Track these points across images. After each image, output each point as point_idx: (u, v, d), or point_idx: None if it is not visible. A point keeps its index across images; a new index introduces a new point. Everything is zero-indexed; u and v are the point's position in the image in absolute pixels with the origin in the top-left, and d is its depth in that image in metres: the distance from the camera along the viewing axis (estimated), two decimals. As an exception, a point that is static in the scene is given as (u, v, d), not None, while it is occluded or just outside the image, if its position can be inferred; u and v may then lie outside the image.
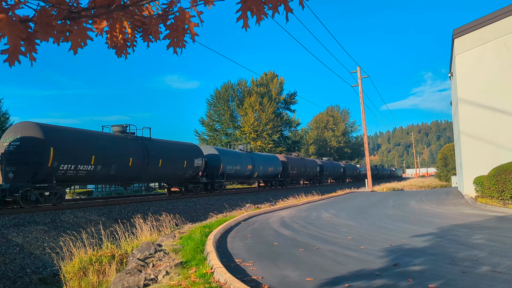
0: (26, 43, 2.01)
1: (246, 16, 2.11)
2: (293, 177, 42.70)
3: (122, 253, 9.25)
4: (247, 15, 2.10)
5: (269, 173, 35.74)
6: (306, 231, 10.26)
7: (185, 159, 23.55)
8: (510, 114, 18.64)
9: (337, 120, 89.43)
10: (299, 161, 42.99)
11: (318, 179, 50.05)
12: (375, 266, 6.23)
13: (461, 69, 20.34)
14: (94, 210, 16.74)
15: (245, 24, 2.15)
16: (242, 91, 59.80)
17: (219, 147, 35.13)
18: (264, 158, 35.34)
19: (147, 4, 2.41)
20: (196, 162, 24.62)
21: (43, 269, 10.89)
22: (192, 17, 2.26)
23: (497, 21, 19.30)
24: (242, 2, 2.08)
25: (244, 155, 31.75)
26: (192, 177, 24.99)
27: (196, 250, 7.86)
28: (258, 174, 33.12)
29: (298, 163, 42.17)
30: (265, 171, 34.37)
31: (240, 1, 2.08)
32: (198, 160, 24.91)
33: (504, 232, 9.20)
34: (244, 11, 2.09)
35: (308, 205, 19.24)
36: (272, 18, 2.12)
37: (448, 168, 51.32)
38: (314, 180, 49.76)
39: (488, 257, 6.61)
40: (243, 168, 30.72)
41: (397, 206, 17.17)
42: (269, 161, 35.83)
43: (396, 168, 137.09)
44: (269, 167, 35.10)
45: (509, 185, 14.86)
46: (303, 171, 43.29)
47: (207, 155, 26.89)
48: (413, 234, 9.30)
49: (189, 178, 24.80)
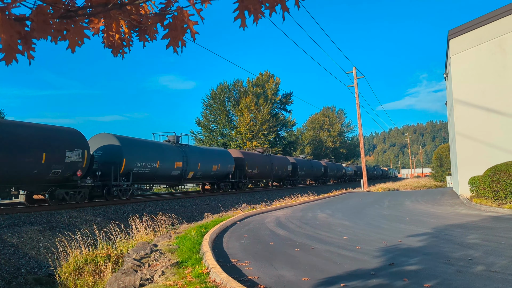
0: (23, 42, 2.00)
1: (243, 16, 2.11)
2: (253, 178, 34.23)
3: (118, 253, 9.22)
4: (244, 15, 2.11)
5: (214, 173, 27.08)
6: (302, 231, 10.27)
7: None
8: (504, 115, 18.76)
9: (333, 121, 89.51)
10: (262, 158, 34.63)
11: (290, 180, 41.63)
12: (370, 266, 6.25)
13: (456, 69, 20.44)
14: (90, 210, 16.67)
15: (243, 24, 2.15)
16: (238, 92, 59.75)
17: None
18: (205, 153, 26.78)
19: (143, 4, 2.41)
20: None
21: (38, 270, 10.83)
22: (191, 16, 2.26)
23: (492, 22, 19.42)
24: (239, 1, 2.08)
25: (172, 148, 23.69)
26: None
27: (192, 250, 7.86)
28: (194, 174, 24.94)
29: (261, 161, 33.96)
30: (206, 170, 25.94)
31: (237, 1, 2.09)
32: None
33: (499, 232, 9.25)
34: (241, 11, 2.09)
35: (304, 205, 19.26)
36: (270, 17, 2.13)
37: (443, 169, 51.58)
38: (285, 181, 41.09)
39: (483, 257, 6.65)
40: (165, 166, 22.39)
41: (393, 206, 17.23)
42: (214, 157, 27.17)
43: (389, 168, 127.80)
44: (213, 165, 26.59)
45: (504, 185, 14.95)
46: (268, 171, 34.94)
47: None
48: (409, 234, 9.34)
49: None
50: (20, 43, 1.96)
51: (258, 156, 34.61)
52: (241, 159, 30.92)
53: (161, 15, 2.35)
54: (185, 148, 24.47)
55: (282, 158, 39.38)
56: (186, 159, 23.61)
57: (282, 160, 38.78)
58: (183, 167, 23.37)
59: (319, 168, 50.39)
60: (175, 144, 24.03)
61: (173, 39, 2.37)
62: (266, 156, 35.89)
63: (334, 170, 56.83)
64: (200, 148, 28.12)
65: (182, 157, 23.36)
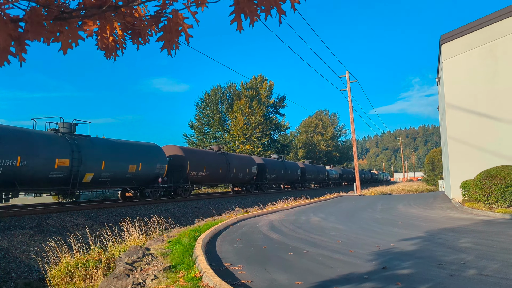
0: (16, 43, 1.97)
1: (239, 19, 2.10)
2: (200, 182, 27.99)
3: (110, 257, 9.14)
4: (240, 18, 2.10)
5: (132, 176, 20.95)
6: (295, 235, 10.26)
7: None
8: (496, 119, 18.93)
9: (326, 124, 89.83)
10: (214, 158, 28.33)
11: (256, 185, 35.40)
12: (363, 270, 6.25)
13: (448, 74, 20.60)
14: (81, 213, 16.53)
15: (239, 27, 2.15)
16: (231, 95, 59.80)
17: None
18: (116, 147, 20.27)
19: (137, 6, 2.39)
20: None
21: (28, 274, 10.70)
22: (186, 19, 2.24)
23: (483, 27, 19.62)
24: (235, 4, 2.07)
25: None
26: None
27: (185, 254, 7.81)
28: (96, 176, 18.54)
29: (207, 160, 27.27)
30: (117, 171, 19.86)
31: (233, 4, 2.08)
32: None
33: (491, 236, 9.31)
34: (237, 14, 2.08)
35: (297, 208, 19.26)
36: (265, 20, 2.12)
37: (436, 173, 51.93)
38: (248, 186, 34.72)
39: (475, 261, 6.68)
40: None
41: (385, 210, 17.28)
42: (132, 153, 21.04)
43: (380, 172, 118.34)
44: (130, 164, 20.61)
45: (495, 189, 15.07)
46: (221, 173, 28.67)
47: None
48: (401, 237, 9.36)
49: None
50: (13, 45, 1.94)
51: (207, 154, 28.32)
52: (181, 158, 24.69)
53: (156, 17, 2.34)
54: (79, 141, 17.75)
55: (244, 158, 34.24)
56: (78, 156, 17.16)
57: (245, 160, 33.17)
58: (71, 167, 16.85)
59: (294, 171, 43.32)
60: (61, 134, 17.41)
61: (168, 42, 2.36)
62: (221, 155, 29.55)
63: (314, 173, 48.84)
64: (108, 140, 20.40)
65: (70, 153, 16.84)
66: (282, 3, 2.08)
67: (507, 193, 14.85)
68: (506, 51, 19.09)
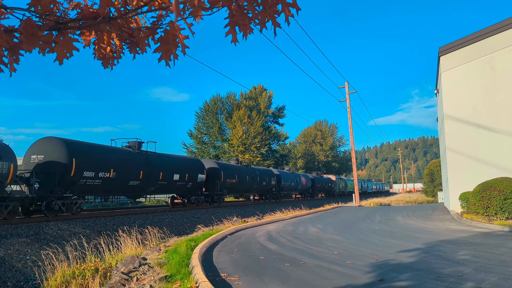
0: (10, 53, 1.98)
1: (234, 31, 2.12)
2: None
3: (106, 267, 9.07)
4: (235, 30, 2.12)
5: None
6: (293, 246, 10.21)
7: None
8: (494, 131, 18.96)
9: (325, 135, 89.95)
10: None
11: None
12: (361, 282, 6.21)
13: (446, 86, 20.69)
14: (79, 222, 16.46)
15: (234, 39, 2.16)
16: (231, 104, 59.95)
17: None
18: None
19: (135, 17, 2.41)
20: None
21: (24, 283, 10.62)
22: (182, 30, 2.26)
23: (482, 40, 19.75)
24: (229, 17, 2.09)
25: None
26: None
27: (181, 264, 7.76)
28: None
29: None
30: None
31: (228, 16, 2.10)
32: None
33: (489, 248, 9.27)
34: (232, 26, 2.10)
35: (296, 219, 19.19)
36: (260, 32, 2.14)
37: (435, 184, 51.84)
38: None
39: (473, 273, 6.64)
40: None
41: (384, 221, 17.22)
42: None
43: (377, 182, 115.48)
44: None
45: (494, 201, 15.04)
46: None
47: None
48: (399, 249, 9.32)
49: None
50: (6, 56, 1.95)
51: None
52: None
53: (152, 29, 2.35)
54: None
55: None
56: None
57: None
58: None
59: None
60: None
61: (165, 53, 2.37)
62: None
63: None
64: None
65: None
66: (277, 16, 2.10)
67: (506, 205, 14.83)
68: (505, 63, 19.19)
